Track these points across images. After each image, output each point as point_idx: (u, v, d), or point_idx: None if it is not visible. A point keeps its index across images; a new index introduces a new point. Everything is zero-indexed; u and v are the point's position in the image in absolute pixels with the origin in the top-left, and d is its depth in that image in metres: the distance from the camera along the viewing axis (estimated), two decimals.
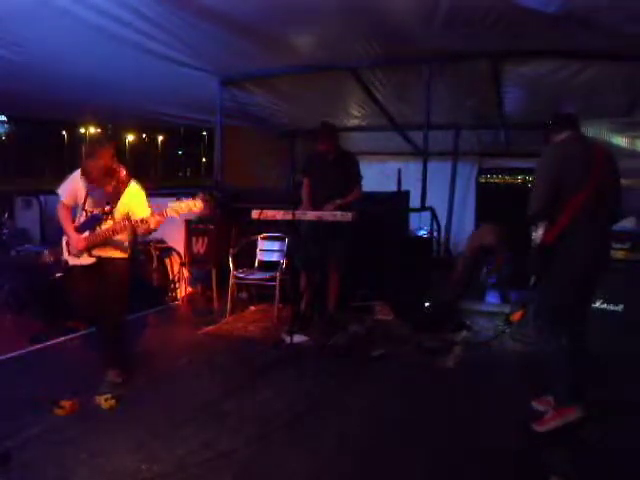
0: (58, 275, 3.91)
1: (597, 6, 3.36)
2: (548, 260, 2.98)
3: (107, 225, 3.29)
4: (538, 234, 3.00)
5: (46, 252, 3.83)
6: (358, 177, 4.80)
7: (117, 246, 3.38)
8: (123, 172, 3.35)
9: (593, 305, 3.87)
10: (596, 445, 2.78)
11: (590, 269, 2.96)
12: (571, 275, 2.95)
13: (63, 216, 3.40)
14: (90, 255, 3.32)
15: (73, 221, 3.39)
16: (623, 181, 3.05)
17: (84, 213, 3.36)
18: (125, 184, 3.34)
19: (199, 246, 5.56)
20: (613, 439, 2.85)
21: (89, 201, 3.35)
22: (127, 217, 3.28)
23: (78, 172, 3.28)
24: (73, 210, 3.45)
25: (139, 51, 4.53)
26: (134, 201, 3.34)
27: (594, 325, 3.22)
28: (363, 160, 7.25)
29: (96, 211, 3.33)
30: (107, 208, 3.30)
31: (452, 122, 6.57)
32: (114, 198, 3.31)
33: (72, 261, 3.40)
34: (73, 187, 3.36)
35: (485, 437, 2.89)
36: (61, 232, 3.48)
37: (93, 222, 3.31)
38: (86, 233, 3.32)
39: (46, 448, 2.63)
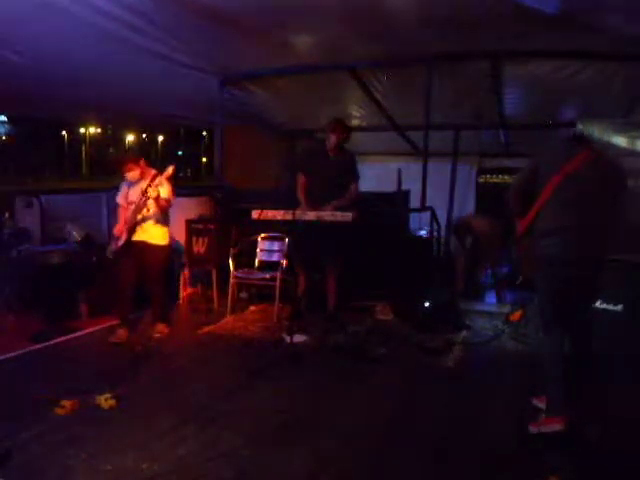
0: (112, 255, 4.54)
1: (597, 6, 3.36)
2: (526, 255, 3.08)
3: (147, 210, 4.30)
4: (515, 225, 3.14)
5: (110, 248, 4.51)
6: (356, 176, 4.80)
7: (154, 235, 4.37)
8: (152, 171, 4.36)
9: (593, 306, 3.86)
10: (596, 445, 2.78)
11: (572, 270, 2.93)
12: (549, 277, 2.99)
13: (119, 214, 4.52)
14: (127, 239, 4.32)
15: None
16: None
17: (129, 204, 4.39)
18: (154, 178, 4.25)
19: (199, 246, 5.56)
20: (613, 439, 2.85)
21: (130, 195, 4.39)
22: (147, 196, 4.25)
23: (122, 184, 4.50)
24: None
25: (139, 51, 4.53)
26: (160, 189, 4.23)
27: (594, 325, 3.21)
28: (363, 160, 7.26)
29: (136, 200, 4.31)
30: (143, 199, 4.22)
31: (452, 122, 6.58)
32: (146, 190, 4.20)
33: (117, 245, 4.38)
34: (122, 192, 4.48)
35: (485, 437, 2.89)
36: None
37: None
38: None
39: (46, 448, 2.63)
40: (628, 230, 3.48)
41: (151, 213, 4.31)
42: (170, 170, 4.25)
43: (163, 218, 4.43)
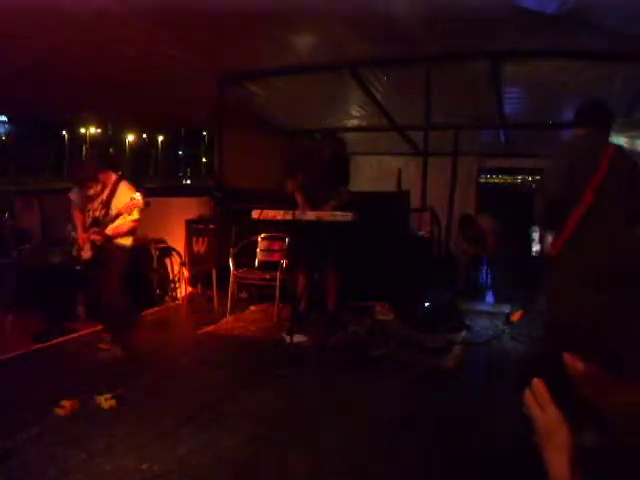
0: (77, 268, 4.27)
1: (597, 6, 3.36)
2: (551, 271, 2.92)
3: (108, 224, 3.88)
4: (547, 243, 2.96)
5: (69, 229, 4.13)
6: (347, 179, 4.83)
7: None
8: (112, 177, 4.00)
9: None
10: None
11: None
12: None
13: (74, 215, 4.09)
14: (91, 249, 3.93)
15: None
16: None
17: (89, 214, 4.02)
18: (115, 186, 3.96)
19: (199, 246, 5.57)
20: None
21: (90, 204, 4.02)
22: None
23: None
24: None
25: (138, 50, 4.52)
26: (120, 201, 3.87)
27: None
28: (363, 160, 7.24)
29: (97, 214, 3.96)
30: (103, 212, 3.91)
31: (452, 122, 6.58)
32: (107, 202, 3.93)
33: (82, 257, 4.01)
34: (78, 190, 4.07)
35: (485, 437, 2.89)
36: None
37: (94, 224, 3.94)
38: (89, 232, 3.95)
39: (46, 448, 2.63)
40: None
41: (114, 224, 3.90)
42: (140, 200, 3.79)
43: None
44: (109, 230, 3.86)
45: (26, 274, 4.92)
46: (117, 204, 3.85)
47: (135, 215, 3.88)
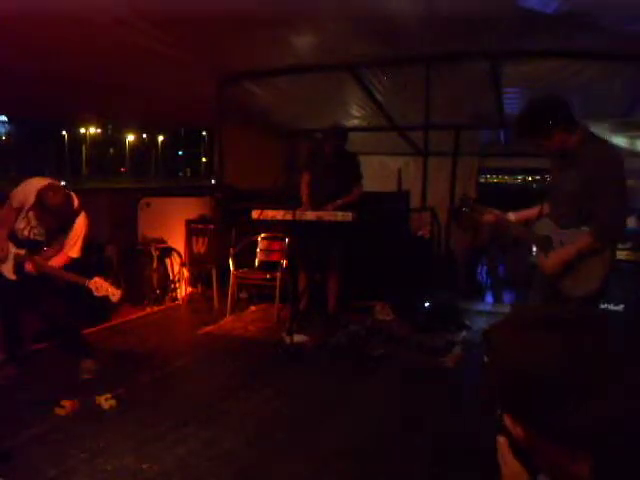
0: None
1: (597, 6, 3.36)
2: None
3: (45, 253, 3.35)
4: None
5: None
6: (359, 177, 4.84)
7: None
8: (75, 203, 3.38)
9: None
10: None
11: None
12: None
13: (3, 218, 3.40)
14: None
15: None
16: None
17: (25, 225, 3.36)
18: (75, 215, 3.38)
19: (199, 246, 5.56)
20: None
21: (30, 217, 3.35)
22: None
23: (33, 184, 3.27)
24: None
25: (137, 50, 4.52)
26: (76, 232, 3.39)
27: None
28: (363, 160, 7.22)
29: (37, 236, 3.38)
30: (54, 241, 3.38)
31: (452, 122, 6.58)
32: (62, 229, 3.36)
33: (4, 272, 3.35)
34: (20, 197, 3.35)
35: (485, 437, 2.88)
36: None
37: (32, 246, 3.35)
38: (21, 250, 3.31)
39: (46, 448, 2.63)
40: None
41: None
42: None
43: None
44: (53, 262, 3.33)
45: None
46: (72, 234, 3.38)
47: (76, 251, 3.41)
